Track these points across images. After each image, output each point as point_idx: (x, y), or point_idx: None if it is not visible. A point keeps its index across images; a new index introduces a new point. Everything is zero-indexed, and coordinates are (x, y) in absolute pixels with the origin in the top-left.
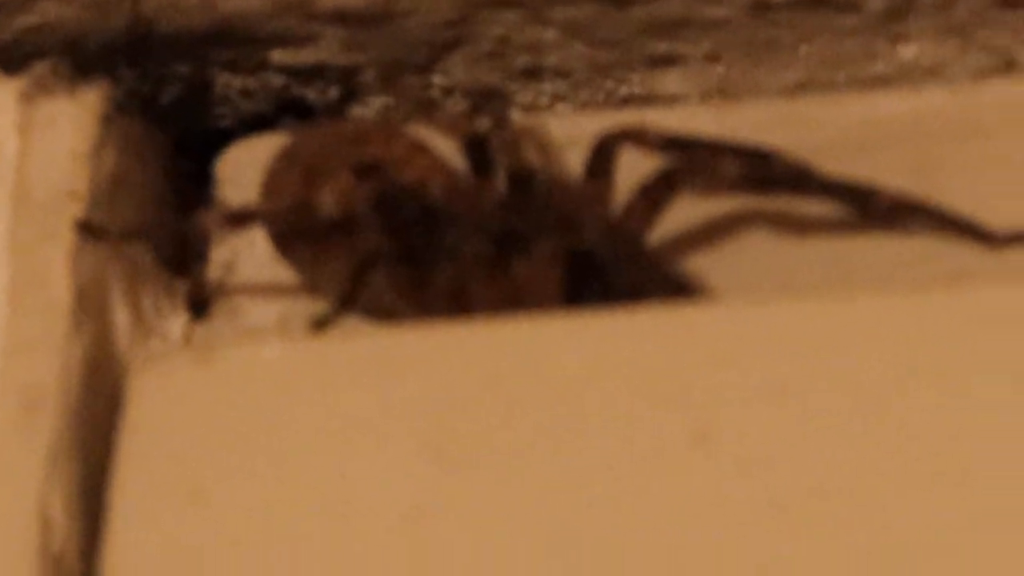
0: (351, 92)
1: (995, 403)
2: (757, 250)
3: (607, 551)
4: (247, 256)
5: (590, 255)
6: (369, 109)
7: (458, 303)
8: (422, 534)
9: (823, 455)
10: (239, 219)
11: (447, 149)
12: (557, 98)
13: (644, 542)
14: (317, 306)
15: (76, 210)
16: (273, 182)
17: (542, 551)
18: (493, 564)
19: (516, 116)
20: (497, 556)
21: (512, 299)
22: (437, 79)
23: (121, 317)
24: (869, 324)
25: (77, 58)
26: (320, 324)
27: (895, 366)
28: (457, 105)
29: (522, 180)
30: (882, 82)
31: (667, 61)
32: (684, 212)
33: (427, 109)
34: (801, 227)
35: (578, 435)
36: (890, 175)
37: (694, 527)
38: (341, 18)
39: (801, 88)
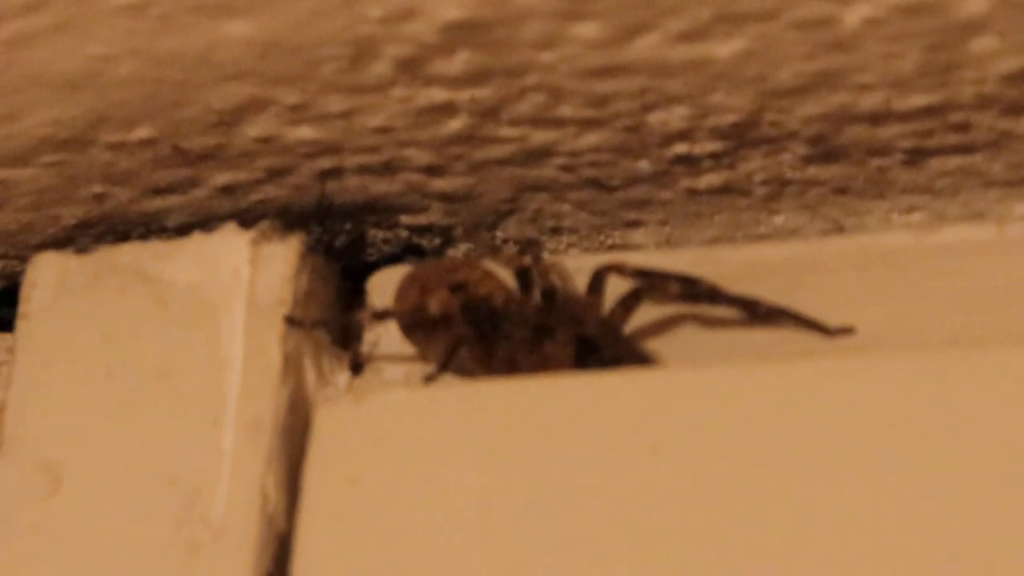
0: (448, 241)
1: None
2: (689, 337)
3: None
4: (386, 338)
5: (590, 340)
6: (459, 251)
7: (511, 368)
8: (491, 526)
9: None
10: (381, 316)
11: (505, 275)
12: (571, 245)
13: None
14: (427, 369)
15: (284, 310)
16: (401, 294)
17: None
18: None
19: (546, 256)
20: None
21: (543, 366)
22: (499, 233)
23: (310, 374)
24: (776, 386)
25: (286, 219)
26: (429, 379)
27: (806, 423)
28: (511, 249)
29: (550, 294)
30: (763, 238)
31: (636, 224)
32: (647, 314)
33: (493, 251)
34: (715, 323)
35: (575, 450)
36: (769, 293)
37: (638, 522)
38: (443, 197)
39: (716, 240)
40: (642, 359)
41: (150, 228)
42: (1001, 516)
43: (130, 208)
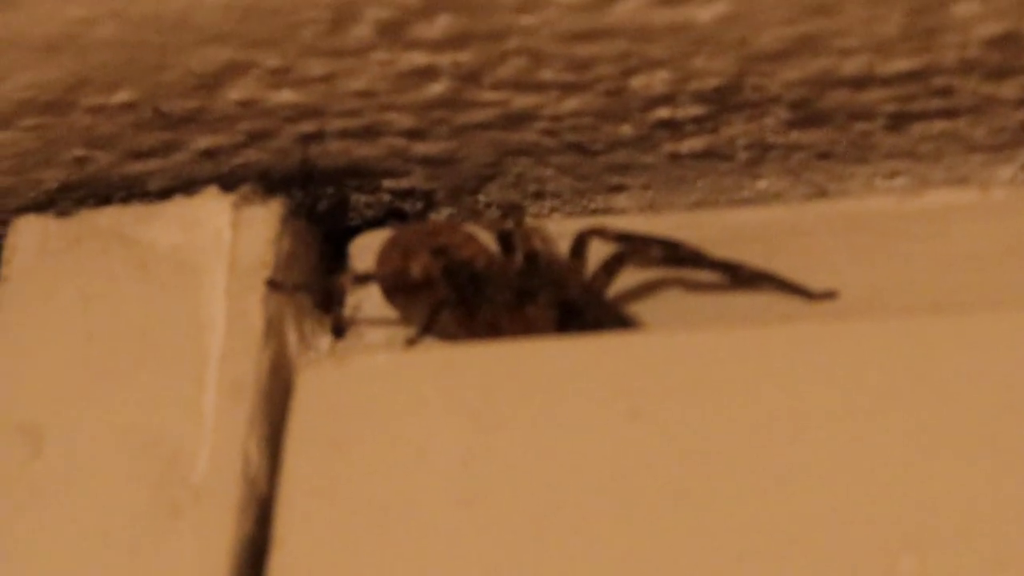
0: (430, 205)
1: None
2: (671, 301)
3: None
4: (368, 302)
5: (573, 303)
6: (441, 215)
7: (493, 331)
8: (471, 489)
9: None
10: (363, 279)
11: (488, 240)
12: (553, 210)
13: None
14: (409, 332)
15: (266, 273)
16: (383, 258)
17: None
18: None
19: (529, 220)
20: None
21: (526, 329)
22: (481, 197)
23: (292, 337)
24: (758, 350)
25: (268, 183)
26: (411, 342)
27: (783, 387)
28: (493, 213)
29: (532, 258)
30: (746, 202)
31: (618, 188)
32: (629, 278)
33: (476, 215)
34: (698, 287)
35: (556, 413)
36: (751, 257)
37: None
38: (425, 161)
39: (698, 205)
40: (624, 323)
41: (131, 192)
42: (982, 479)
43: (111, 172)
